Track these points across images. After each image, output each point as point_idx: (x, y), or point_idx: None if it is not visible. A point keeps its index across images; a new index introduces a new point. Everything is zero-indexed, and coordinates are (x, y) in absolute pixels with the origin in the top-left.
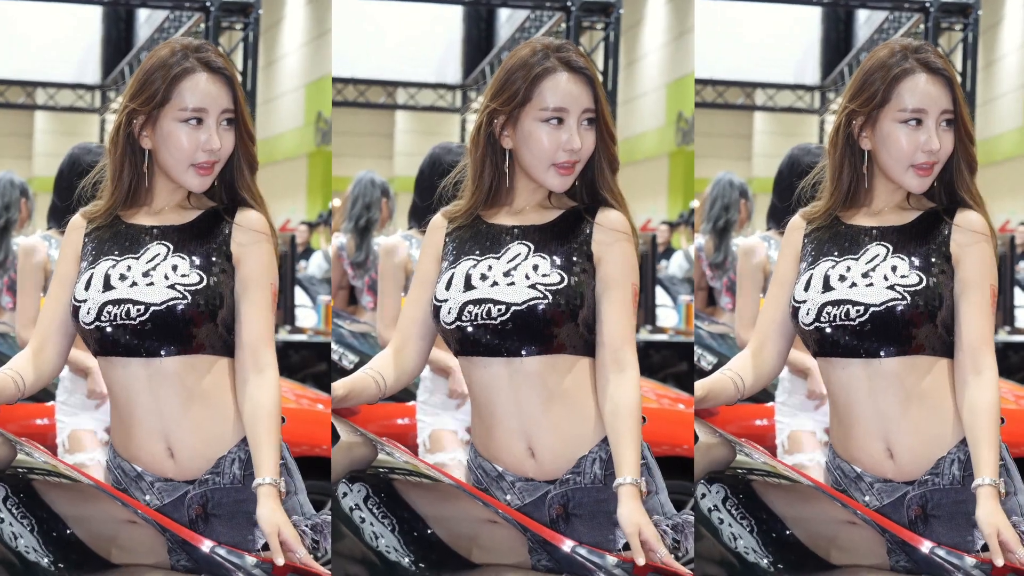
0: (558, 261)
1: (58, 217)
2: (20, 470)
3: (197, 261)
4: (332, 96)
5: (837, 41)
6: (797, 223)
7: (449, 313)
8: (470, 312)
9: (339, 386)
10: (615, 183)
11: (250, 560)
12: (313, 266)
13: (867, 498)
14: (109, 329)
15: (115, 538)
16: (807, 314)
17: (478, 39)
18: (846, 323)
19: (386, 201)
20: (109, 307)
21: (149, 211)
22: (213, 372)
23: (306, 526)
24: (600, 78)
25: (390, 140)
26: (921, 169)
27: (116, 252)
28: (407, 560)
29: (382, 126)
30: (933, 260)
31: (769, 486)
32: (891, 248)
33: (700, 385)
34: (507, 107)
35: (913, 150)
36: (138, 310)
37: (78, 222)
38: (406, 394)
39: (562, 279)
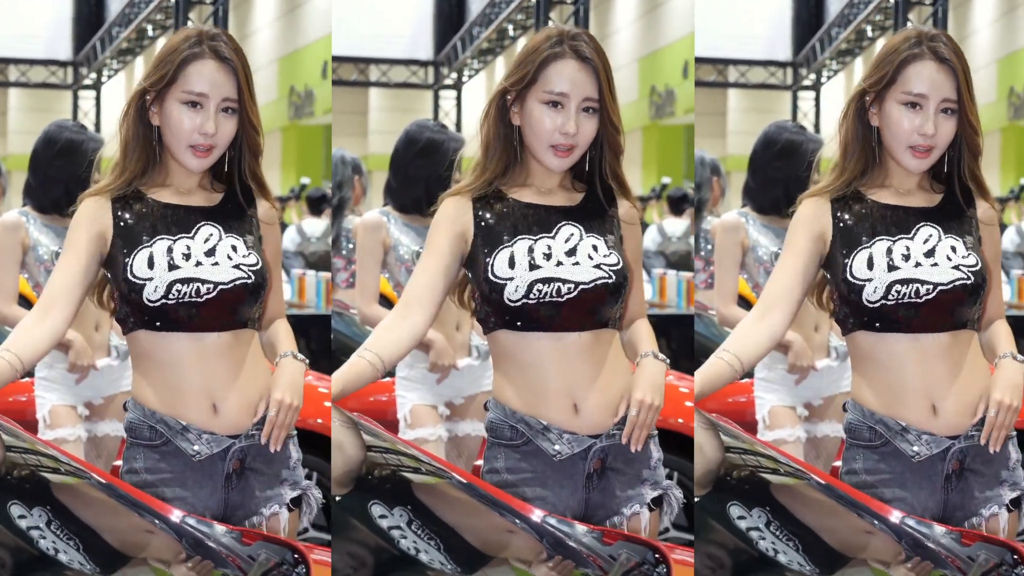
0: (609, 242)
1: (34, 194)
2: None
3: (249, 242)
4: (304, 75)
5: (808, 17)
6: (819, 200)
7: (517, 291)
8: (539, 290)
9: (334, 383)
10: (619, 167)
11: (219, 529)
12: (286, 240)
13: (916, 448)
14: (175, 306)
15: (140, 546)
16: (874, 292)
17: (449, 14)
18: (913, 301)
19: (359, 179)
20: (178, 285)
21: (177, 191)
22: (254, 344)
23: (314, 492)
24: (609, 69)
25: (364, 118)
26: (917, 151)
27: (170, 231)
28: (450, 568)
29: (356, 104)
30: (974, 244)
31: (797, 502)
32: (941, 229)
33: (696, 378)
34: (517, 87)
35: (910, 131)
36: (207, 288)
37: (100, 200)
38: None
39: (618, 261)
